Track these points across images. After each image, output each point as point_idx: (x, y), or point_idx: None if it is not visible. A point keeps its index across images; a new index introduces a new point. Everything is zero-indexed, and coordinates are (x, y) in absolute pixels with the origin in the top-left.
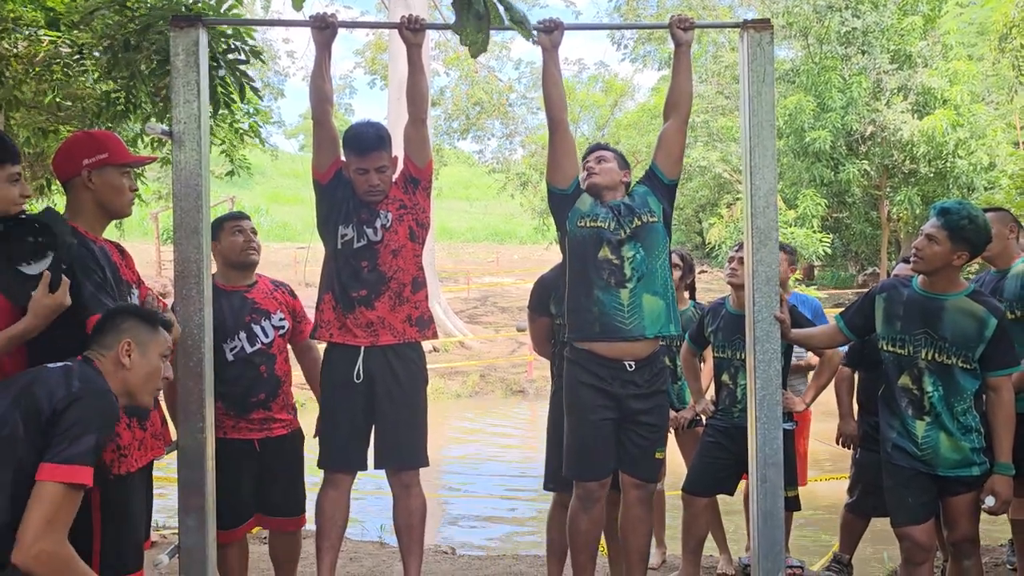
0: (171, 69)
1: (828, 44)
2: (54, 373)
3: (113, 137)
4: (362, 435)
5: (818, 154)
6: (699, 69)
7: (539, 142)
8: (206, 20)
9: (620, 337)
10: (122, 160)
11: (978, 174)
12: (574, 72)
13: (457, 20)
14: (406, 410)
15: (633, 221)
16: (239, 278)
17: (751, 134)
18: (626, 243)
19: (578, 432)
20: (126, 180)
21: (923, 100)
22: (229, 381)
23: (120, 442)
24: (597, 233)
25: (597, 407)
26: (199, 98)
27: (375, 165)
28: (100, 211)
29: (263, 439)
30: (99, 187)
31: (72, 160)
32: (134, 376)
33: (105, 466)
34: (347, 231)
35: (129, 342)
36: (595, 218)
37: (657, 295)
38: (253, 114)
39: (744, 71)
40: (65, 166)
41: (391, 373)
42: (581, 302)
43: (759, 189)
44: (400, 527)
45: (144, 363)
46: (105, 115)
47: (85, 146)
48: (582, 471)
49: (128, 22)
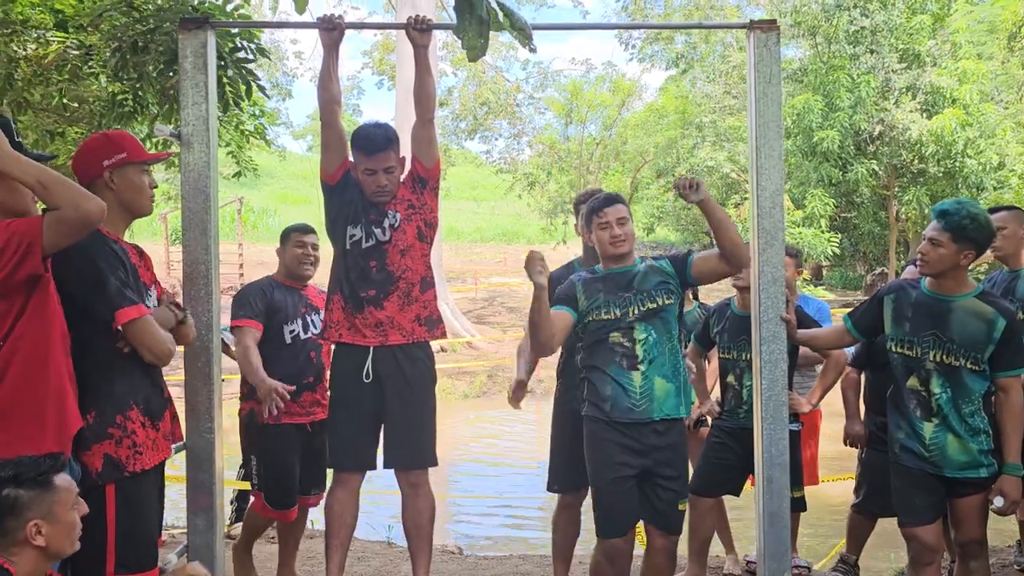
0: (179, 71)
1: (836, 43)
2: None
3: (129, 136)
4: (371, 434)
5: (826, 154)
6: (707, 68)
7: (546, 142)
8: (214, 23)
9: (632, 419)
10: (141, 158)
11: (987, 173)
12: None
13: (459, 23)
14: (415, 409)
15: (645, 304)
16: (295, 281)
17: (757, 134)
18: (637, 326)
19: (601, 489)
20: (146, 178)
21: (932, 99)
22: (285, 361)
23: (135, 440)
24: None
25: (619, 464)
26: (207, 100)
27: (383, 166)
28: (122, 211)
29: (312, 422)
30: (120, 187)
31: (92, 162)
32: (54, 547)
33: (120, 463)
34: (356, 231)
35: (36, 524)
36: (607, 309)
37: (666, 378)
38: (259, 115)
39: (751, 72)
40: (86, 169)
41: (400, 373)
42: (596, 375)
43: (765, 190)
44: (409, 527)
45: (58, 530)
46: (112, 116)
47: (103, 147)
48: (606, 529)
49: (136, 23)
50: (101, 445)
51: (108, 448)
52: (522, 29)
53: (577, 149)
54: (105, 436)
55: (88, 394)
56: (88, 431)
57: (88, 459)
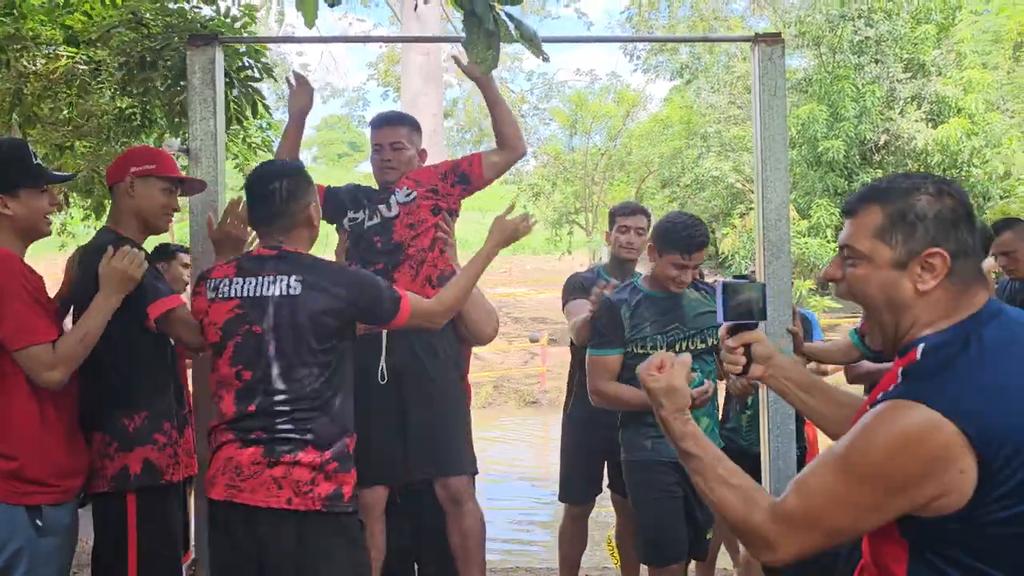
0: (187, 87)
1: (841, 53)
2: None
3: (164, 154)
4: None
5: (831, 164)
6: (711, 79)
7: (551, 152)
8: (222, 39)
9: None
10: (167, 173)
11: (993, 183)
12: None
13: (467, 37)
14: (440, 407)
15: (696, 342)
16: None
17: (763, 147)
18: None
19: (654, 514)
20: (167, 197)
21: (937, 109)
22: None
23: (177, 450)
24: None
25: (671, 484)
26: (215, 115)
27: (389, 140)
28: (137, 221)
29: None
30: (139, 196)
31: (122, 166)
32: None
33: (159, 471)
34: (357, 214)
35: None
36: (652, 342)
37: (710, 416)
38: (266, 128)
39: (756, 85)
40: (115, 172)
41: (418, 365)
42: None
43: (771, 202)
44: (455, 550)
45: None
46: (120, 131)
47: (137, 155)
48: (661, 556)
49: (144, 39)
50: (144, 448)
51: (150, 453)
52: (531, 39)
53: (582, 160)
54: (150, 441)
55: (137, 394)
56: (135, 432)
57: (127, 460)
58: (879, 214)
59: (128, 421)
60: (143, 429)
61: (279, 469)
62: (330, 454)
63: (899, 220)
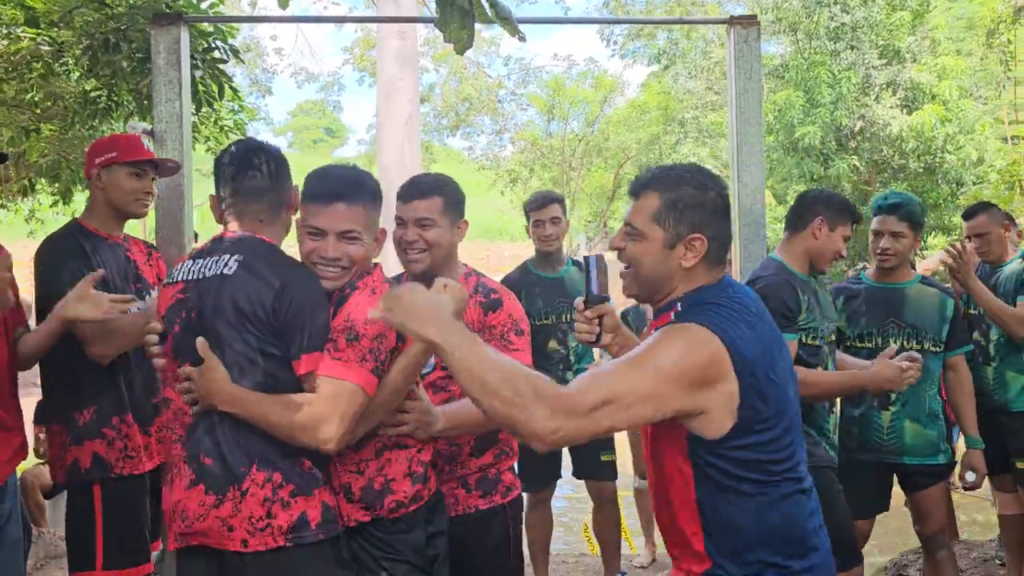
0: (152, 68)
1: (817, 39)
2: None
3: (128, 138)
4: None
5: (807, 149)
6: (688, 65)
7: (528, 138)
8: (187, 18)
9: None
10: (130, 158)
11: (967, 169)
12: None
13: (440, 16)
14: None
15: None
16: None
17: (739, 130)
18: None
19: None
20: (134, 181)
21: (912, 95)
22: None
23: (128, 444)
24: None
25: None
26: (180, 97)
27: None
28: (110, 209)
29: None
30: (106, 185)
31: (88, 160)
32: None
33: (108, 464)
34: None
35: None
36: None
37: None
38: (239, 111)
39: (731, 68)
40: (86, 166)
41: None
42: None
43: (747, 186)
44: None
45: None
46: (86, 114)
47: (99, 146)
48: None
49: (108, 20)
50: (93, 443)
51: (99, 447)
52: (507, 19)
53: (559, 145)
54: (98, 435)
55: (85, 391)
56: (82, 428)
57: (78, 453)
58: (657, 200)
59: (78, 415)
60: (91, 424)
61: (226, 507)
62: (281, 476)
63: (672, 207)
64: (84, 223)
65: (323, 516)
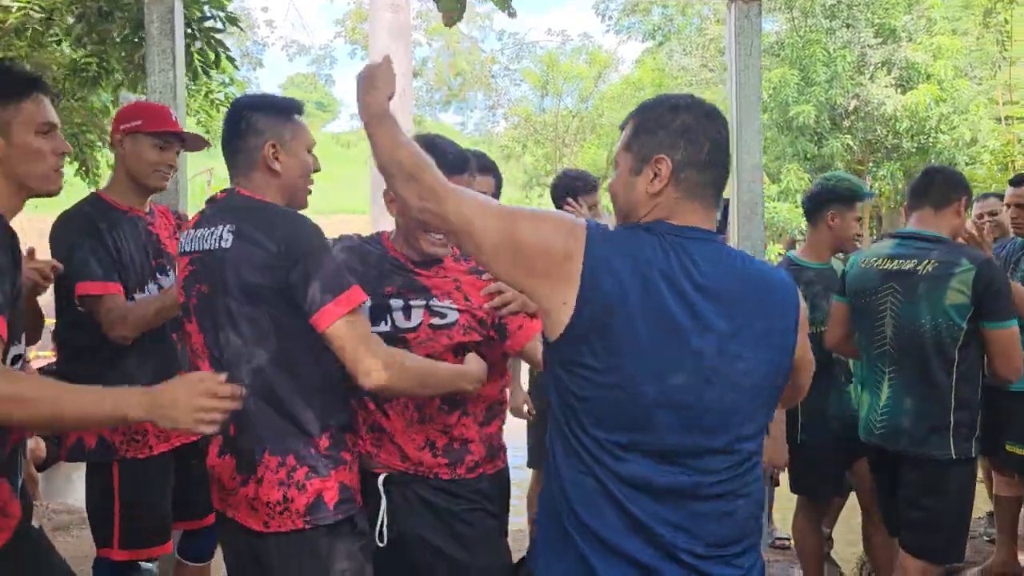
0: (145, 37)
1: (813, 17)
2: None
3: (156, 108)
4: None
5: (802, 128)
6: (683, 41)
7: (522, 114)
8: None
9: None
10: (156, 128)
11: (960, 149)
12: (558, 43)
13: None
14: None
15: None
16: None
17: (738, 107)
18: None
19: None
20: (157, 152)
21: (907, 75)
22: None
23: (134, 427)
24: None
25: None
26: (174, 67)
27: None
28: (129, 180)
29: None
30: (128, 153)
31: (114, 126)
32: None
33: (113, 447)
34: None
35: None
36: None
37: None
38: (229, 83)
39: (731, 44)
40: (112, 131)
41: None
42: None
43: (745, 163)
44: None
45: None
46: (75, 82)
47: (126, 112)
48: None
49: None
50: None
51: (104, 430)
52: None
53: (553, 121)
54: None
55: (90, 371)
56: None
57: (82, 433)
58: (631, 126)
59: None
60: None
61: (250, 487)
62: (294, 458)
63: (640, 130)
64: (104, 195)
65: (340, 495)
